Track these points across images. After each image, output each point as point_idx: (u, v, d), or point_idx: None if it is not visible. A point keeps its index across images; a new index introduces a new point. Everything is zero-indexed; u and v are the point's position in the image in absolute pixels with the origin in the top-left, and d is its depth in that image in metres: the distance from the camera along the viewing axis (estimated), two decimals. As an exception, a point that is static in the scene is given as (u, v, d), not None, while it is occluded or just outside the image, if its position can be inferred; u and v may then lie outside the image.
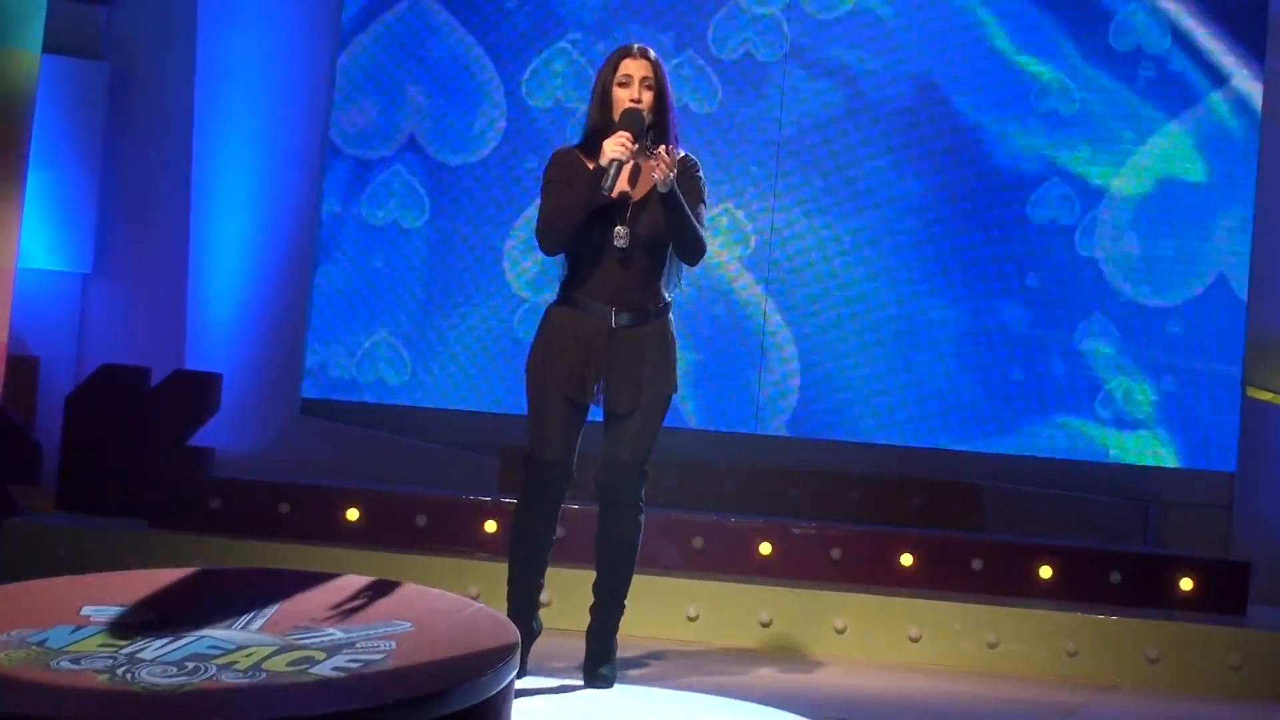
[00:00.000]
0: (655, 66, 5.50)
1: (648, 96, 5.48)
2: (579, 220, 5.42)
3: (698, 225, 5.45)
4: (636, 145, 5.40)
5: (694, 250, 5.48)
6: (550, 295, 5.64)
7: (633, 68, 5.49)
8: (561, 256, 5.58)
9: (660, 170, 5.28)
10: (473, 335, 9.20)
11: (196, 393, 8.35)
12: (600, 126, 5.47)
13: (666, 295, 5.58)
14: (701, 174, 5.58)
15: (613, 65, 5.52)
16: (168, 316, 9.16)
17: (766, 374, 8.87)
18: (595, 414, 5.59)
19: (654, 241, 5.48)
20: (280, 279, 9.18)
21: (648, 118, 5.47)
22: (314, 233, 9.26)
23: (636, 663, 6.27)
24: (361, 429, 9.12)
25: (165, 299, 9.18)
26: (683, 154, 5.58)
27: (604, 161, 5.34)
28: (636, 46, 5.55)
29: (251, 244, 9.18)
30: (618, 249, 5.45)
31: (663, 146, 5.36)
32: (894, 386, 8.78)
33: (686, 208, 5.39)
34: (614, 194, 5.39)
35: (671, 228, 5.42)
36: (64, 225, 9.18)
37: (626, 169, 5.42)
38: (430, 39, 9.28)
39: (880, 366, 8.79)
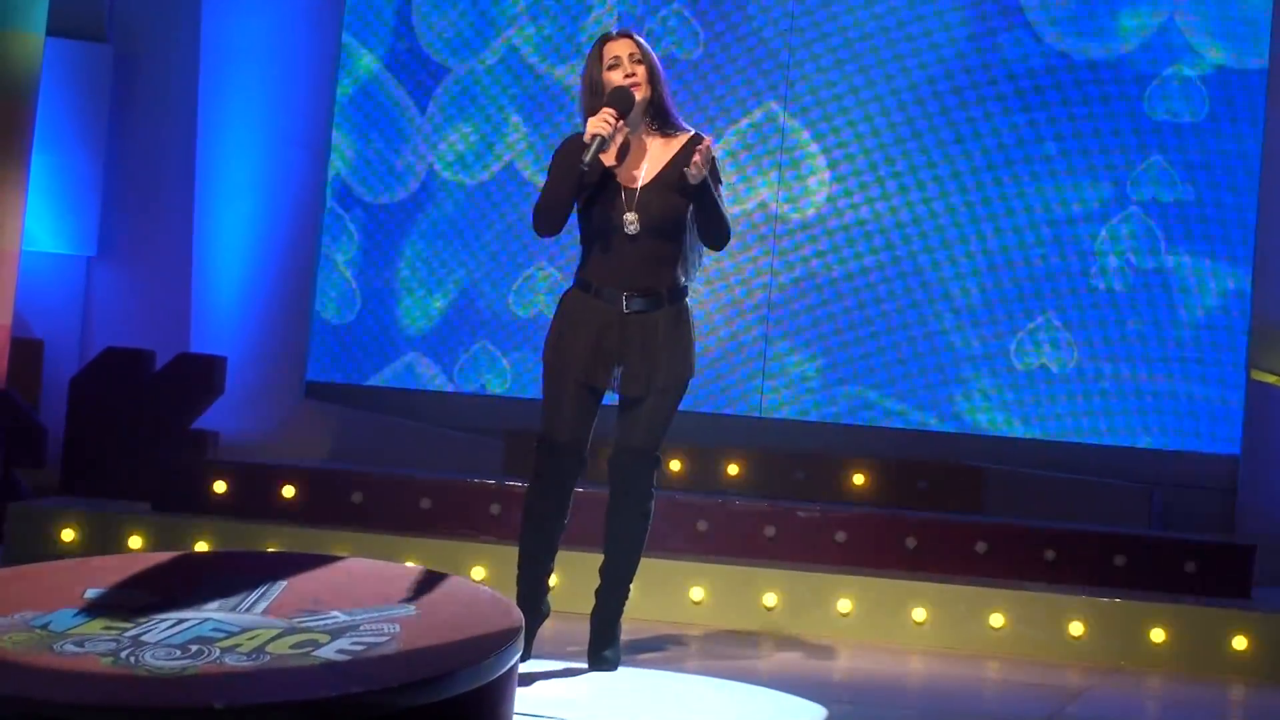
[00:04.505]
0: (639, 42, 5.49)
1: (640, 70, 5.45)
2: (565, 201, 5.43)
3: (724, 209, 5.45)
4: (621, 123, 5.38)
5: (720, 236, 5.48)
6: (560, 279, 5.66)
7: (617, 49, 5.47)
8: (579, 242, 5.58)
9: (694, 164, 5.26)
10: (477, 317, 9.20)
11: (201, 376, 8.36)
12: (595, 113, 5.44)
13: (683, 280, 5.57)
14: (714, 153, 5.56)
15: (597, 54, 5.49)
16: (172, 300, 9.16)
17: (770, 356, 8.87)
18: (612, 397, 5.59)
19: (664, 226, 5.46)
20: (285, 262, 9.18)
21: (644, 91, 5.45)
22: (319, 216, 9.26)
23: (641, 646, 6.27)
24: (366, 412, 9.13)
25: (170, 282, 9.18)
26: (692, 133, 5.57)
27: (586, 137, 5.33)
28: (614, 30, 5.54)
29: (256, 227, 9.17)
30: (628, 235, 5.45)
31: (704, 142, 5.33)
32: (898, 368, 8.78)
33: (716, 196, 5.39)
34: (600, 165, 5.37)
35: (701, 216, 5.41)
36: (68, 208, 9.18)
37: (615, 143, 5.42)
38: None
39: (883, 348, 8.78)
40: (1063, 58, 8.69)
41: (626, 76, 5.44)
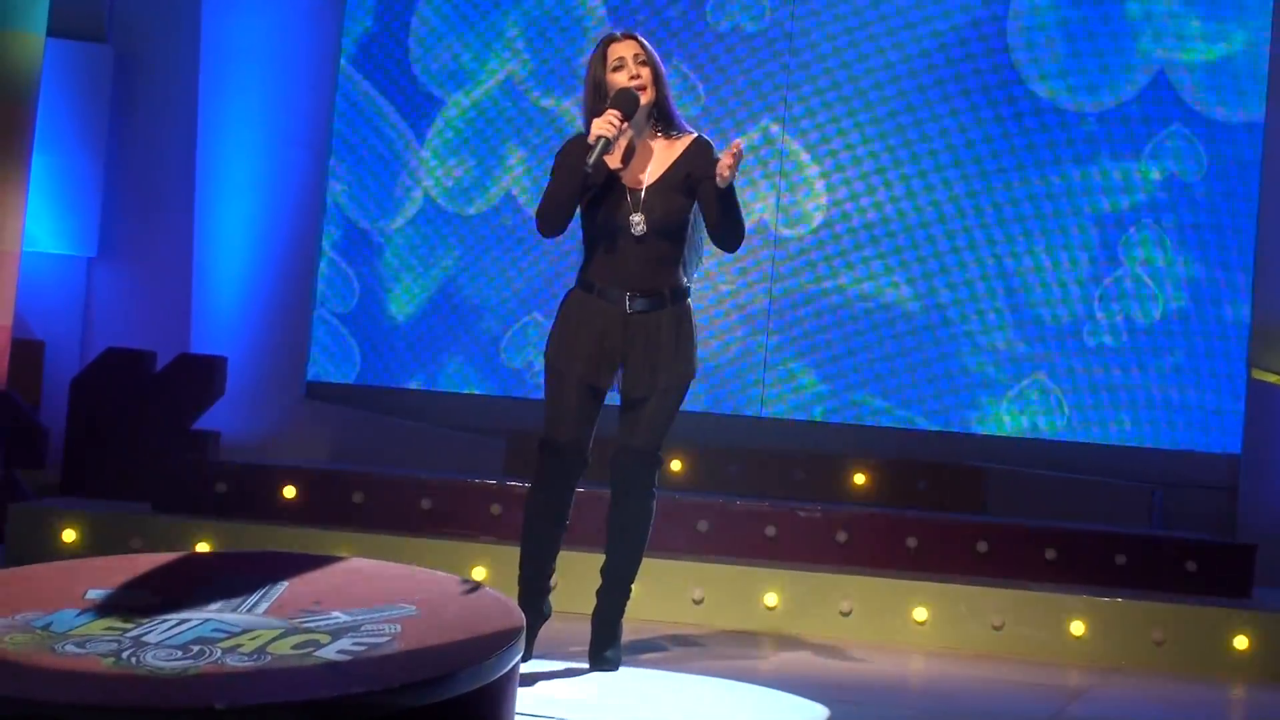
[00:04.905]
0: (643, 44, 5.48)
1: (645, 72, 5.44)
2: (567, 204, 5.42)
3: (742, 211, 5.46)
4: (625, 124, 5.38)
5: (738, 236, 5.47)
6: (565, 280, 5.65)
7: (622, 50, 5.46)
8: (580, 241, 5.58)
9: (728, 168, 5.25)
10: (478, 318, 9.20)
11: (202, 376, 8.35)
12: (598, 114, 5.43)
13: (684, 280, 5.57)
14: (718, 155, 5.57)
15: (601, 55, 5.47)
16: (173, 300, 9.16)
17: (771, 356, 8.87)
18: (614, 397, 5.59)
19: (669, 227, 5.46)
20: (285, 263, 9.18)
21: (649, 95, 5.45)
22: (319, 216, 9.25)
23: (642, 646, 6.27)
24: (366, 413, 9.13)
25: (170, 283, 9.18)
26: (695, 135, 5.56)
27: (590, 139, 5.33)
28: (619, 31, 5.53)
29: (257, 227, 9.17)
30: (634, 236, 5.44)
31: (737, 143, 5.30)
32: (900, 369, 8.78)
33: (738, 200, 5.39)
34: (605, 166, 5.37)
35: (723, 218, 5.39)
36: (69, 209, 9.18)
37: (619, 146, 5.41)
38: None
39: (886, 349, 8.79)
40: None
41: (631, 78, 5.43)
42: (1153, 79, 8.63)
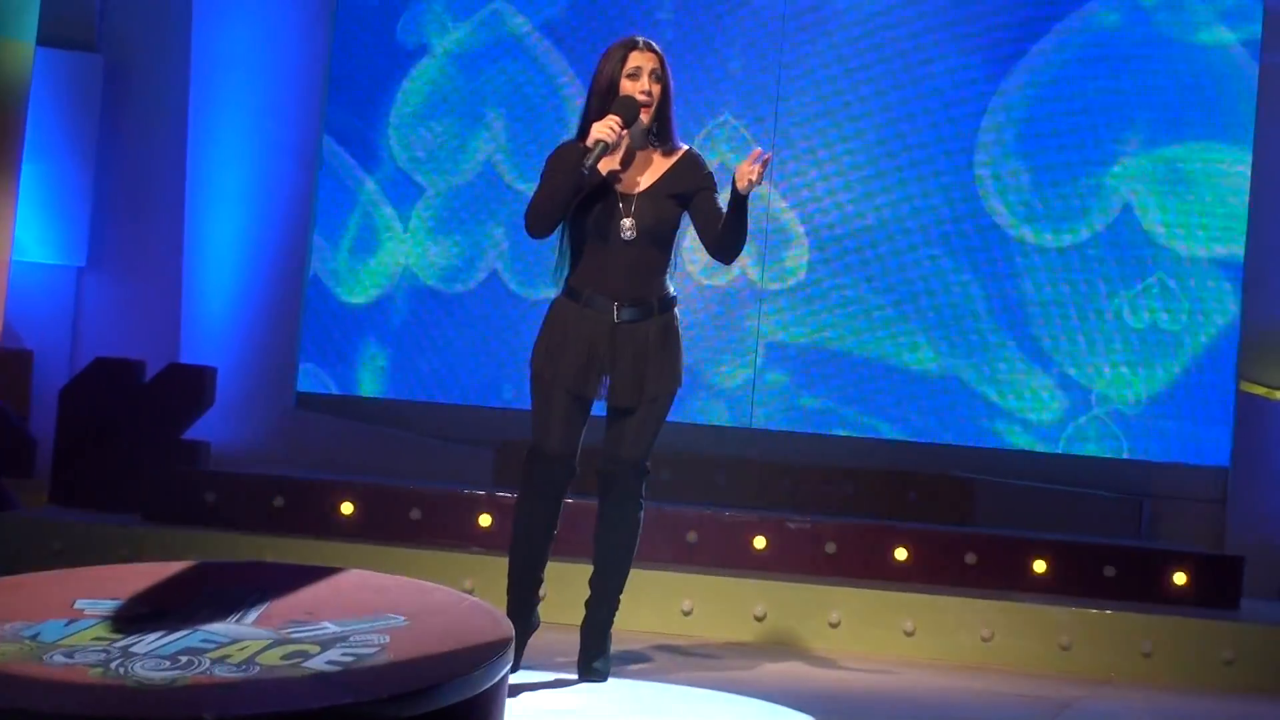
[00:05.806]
0: (661, 59, 5.49)
1: (657, 90, 5.46)
2: (561, 204, 5.41)
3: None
4: (625, 131, 5.39)
5: (739, 247, 5.48)
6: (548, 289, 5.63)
7: (641, 60, 5.45)
8: (567, 249, 5.57)
9: (755, 174, 5.25)
10: (473, 327, 9.20)
11: (191, 386, 8.34)
12: (601, 118, 5.43)
13: (671, 290, 5.57)
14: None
15: (619, 58, 5.47)
16: (162, 310, 9.15)
17: (760, 366, 8.87)
18: (600, 408, 5.59)
19: (658, 234, 5.46)
20: (275, 272, 9.18)
21: (652, 112, 5.46)
22: (308, 226, 9.25)
23: (631, 657, 6.27)
24: (356, 422, 9.12)
25: (160, 292, 9.17)
26: (686, 148, 5.57)
27: (589, 142, 5.34)
28: (641, 39, 5.51)
29: (246, 237, 9.17)
30: (624, 241, 5.44)
31: (756, 151, 5.31)
32: (887, 379, 8.78)
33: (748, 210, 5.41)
34: (601, 172, 5.38)
35: (730, 226, 5.39)
36: (58, 218, 9.17)
37: (614, 154, 5.42)
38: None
39: (874, 358, 8.79)
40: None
41: (642, 92, 5.43)
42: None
